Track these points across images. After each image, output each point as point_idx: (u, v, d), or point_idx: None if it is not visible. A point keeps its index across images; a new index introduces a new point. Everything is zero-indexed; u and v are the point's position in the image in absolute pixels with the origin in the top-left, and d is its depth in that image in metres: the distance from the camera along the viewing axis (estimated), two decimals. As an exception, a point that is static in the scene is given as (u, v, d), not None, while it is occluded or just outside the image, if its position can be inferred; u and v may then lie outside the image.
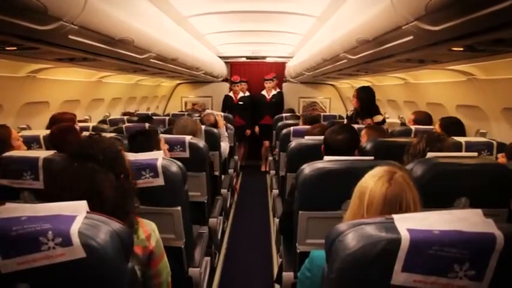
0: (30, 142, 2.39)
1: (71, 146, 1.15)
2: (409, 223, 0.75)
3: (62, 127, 2.24)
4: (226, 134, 3.76)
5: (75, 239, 0.79)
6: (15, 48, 1.82)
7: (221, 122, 3.70)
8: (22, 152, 1.83)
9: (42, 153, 1.65)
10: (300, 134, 2.93)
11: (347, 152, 1.80)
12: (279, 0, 3.10)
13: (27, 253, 0.79)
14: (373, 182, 1.05)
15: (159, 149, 1.93)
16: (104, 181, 1.07)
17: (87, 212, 0.86)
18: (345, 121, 3.73)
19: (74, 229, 0.80)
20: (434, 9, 1.20)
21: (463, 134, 2.56)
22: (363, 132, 2.48)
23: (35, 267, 0.80)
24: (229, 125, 4.25)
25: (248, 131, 6.24)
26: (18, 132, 2.30)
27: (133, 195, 1.23)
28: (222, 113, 4.81)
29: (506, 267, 0.74)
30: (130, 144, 1.92)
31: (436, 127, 2.62)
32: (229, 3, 3.18)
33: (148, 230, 1.28)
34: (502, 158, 1.98)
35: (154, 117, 4.29)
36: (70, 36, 1.59)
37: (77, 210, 0.85)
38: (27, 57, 2.18)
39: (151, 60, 2.67)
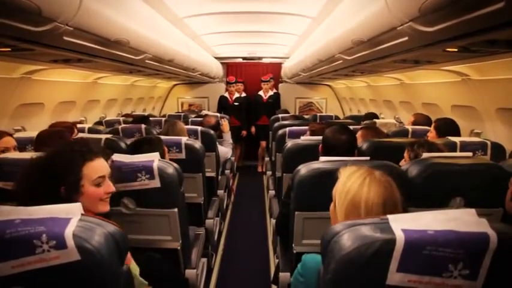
0: (25, 144, 2.37)
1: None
2: (403, 223, 0.76)
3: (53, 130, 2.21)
4: (230, 140, 3.72)
5: (70, 241, 0.79)
6: (9, 49, 1.80)
7: (227, 128, 3.65)
8: (16, 154, 1.81)
9: (36, 155, 1.63)
10: (295, 134, 2.93)
11: (349, 152, 1.79)
12: (275, 1, 3.10)
13: (22, 256, 0.79)
14: (362, 188, 1.02)
15: (163, 156, 1.91)
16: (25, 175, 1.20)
17: (82, 214, 0.85)
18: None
19: (69, 232, 0.80)
20: (428, 10, 1.21)
21: (458, 135, 2.57)
22: (359, 133, 2.48)
23: (30, 270, 0.80)
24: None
25: (244, 132, 6.25)
26: (12, 134, 2.26)
27: None
28: (226, 116, 4.76)
29: (499, 266, 0.74)
30: (136, 153, 1.78)
31: (431, 129, 2.62)
32: (225, 4, 3.18)
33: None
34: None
35: (150, 119, 4.27)
36: (65, 38, 1.59)
37: (71, 212, 0.84)
38: (21, 58, 2.17)
39: (147, 61, 2.66)
